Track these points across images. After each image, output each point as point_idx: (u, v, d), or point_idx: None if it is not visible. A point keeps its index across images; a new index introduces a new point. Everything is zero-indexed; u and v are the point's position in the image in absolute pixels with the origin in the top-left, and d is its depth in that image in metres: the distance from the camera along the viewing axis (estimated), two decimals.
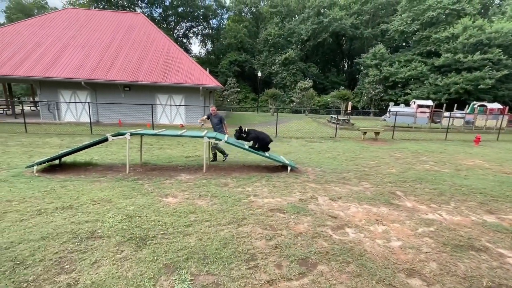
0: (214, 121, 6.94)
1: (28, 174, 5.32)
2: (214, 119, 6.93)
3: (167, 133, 5.98)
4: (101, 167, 6.10)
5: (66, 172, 5.61)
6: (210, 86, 17.27)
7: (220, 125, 6.95)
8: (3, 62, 15.84)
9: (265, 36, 42.66)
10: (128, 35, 19.69)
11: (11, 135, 10.38)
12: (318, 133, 14.83)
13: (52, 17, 20.05)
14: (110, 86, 16.73)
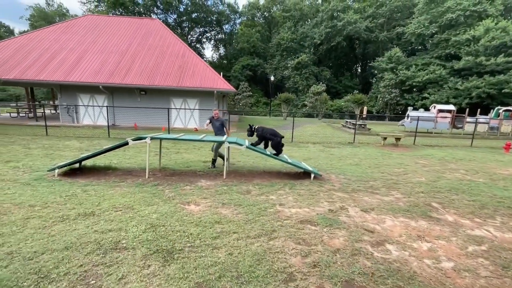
0: (216, 125, 6.79)
1: (49, 178, 5.30)
2: (216, 122, 6.78)
3: (187, 137, 5.85)
4: (121, 171, 6.02)
5: (87, 176, 5.56)
6: (224, 90, 17.25)
7: (222, 130, 6.83)
8: (27, 67, 16.39)
9: (278, 40, 42.63)
10: (145, 40, 20.03)
11: (33, 137, 10.60)
12: (334, 138, 14.45)
13: (74, 23, 20.70)
14: (127, 90, 16.99)
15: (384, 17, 38.39)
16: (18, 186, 4.69)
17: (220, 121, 6.79)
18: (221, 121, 6.82)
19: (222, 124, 6.81)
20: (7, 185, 4.72)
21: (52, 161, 6.80)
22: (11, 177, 5.29)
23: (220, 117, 6.83)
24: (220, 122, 6.78)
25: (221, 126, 6.80)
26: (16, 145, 8.78)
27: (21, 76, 15.81)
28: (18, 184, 4.81)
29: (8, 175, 5.39)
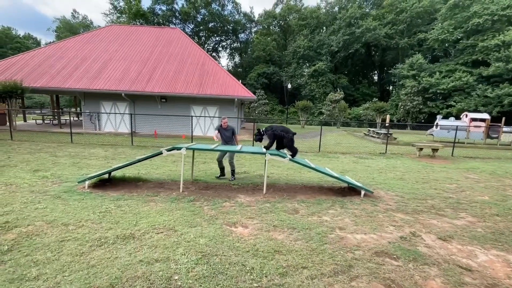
0: (226, 135, 6.28)
1: (80, 190, 4.97)
2: (226, 132, 6.28)
3: (225, 148, 5.38)
4: (151, 183, 5.64)
5: (117, 188, 5.20)
6: (245, 97, 16.96)
7: (232, 139, 6.33)
8: (53, 75, 16.76)
9: (294, 48, 42.47)
10: (166, 48, 20.20)
11: (59, 145, 10.55)
12: (361, 148, 13.69)
13: (98, 33, 21.23)
14: (148, 98, 17.01)
15: (405, 24, 37.46)
16: (49, 200, 4.36)
17: (230, 129, 6.30)
18: (232, 129, 6.32)
19: (232, 132, 6.31)
20: (37, 198, 4.41)
21: (80, 170, 6.54)
22: (40, 188, 5.01)
23: (229, 126, 6.33)
24: (230, 130, 6.29)
25: (231, 135, 6.31)
26: (43, 152, 8.67)
27: (48, 84, 16.15)
28: (48, 197, 4.49)
29: (38, 186, 5.12)
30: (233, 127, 6.35)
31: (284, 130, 5.49)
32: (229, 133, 6.28)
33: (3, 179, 5.47)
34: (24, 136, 12.36)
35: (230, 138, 6.30)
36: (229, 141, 6.32)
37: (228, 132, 6.28)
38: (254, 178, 6.52)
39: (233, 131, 6.30)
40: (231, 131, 6.29)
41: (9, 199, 4.32)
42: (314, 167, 5.30)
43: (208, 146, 5.29)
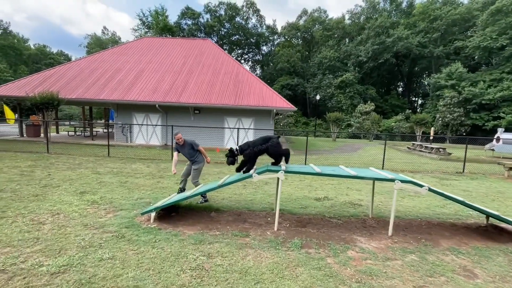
0: (186, 152, 5.20)
1: (144, 224, 3.81)
2: (184, 149, 5.20)
3: (339, 173, 3.93)
4: (227, 214, 4.41)
5: (187, 221, 4.01)
6: (284, 108, 15.80)
7: (196, 153, 5.24)
8: (88, 87, 16.48)
9: (320, 59, 41.43)
10: (198, 59, 19.68)
11: (96, 159, 9.72)
12: (422, 165, 11.92)
13: (131, 46, 21.18)
14: (181, 109, 16.28)
15: (439, 31, 35.53)
16: (112, 242, 3.20)
17: (188, 144, 5.20)
18: (189, 144, 5.20)
19: (191, 147, 5.19)
20: (96, 239, 3.26)
21: (131, 193, 5.46)
22: (94, 220, 3.90)
23: (186, 141, 5.24)
24: (188, 146, 5.19)
25: (193, 150, 5.20)
26: (83, 168, 7.78)
27: (83, 96, 15.82)
28: (109, 237, 3.34)
29: (90, 217, 4.01)
30: (190, 141, 5.25)
31: (265, 139, 4.20)
32: (189, 148, 5.18)
33: (47, 205, 4.44)
34: (59, 149, 11.74)
35: (193, 154, 5.19)
36: (193, 158, 5.20)
37: (187, 148, 5.18)
38: (345, 207, 5.13)
39: (191, 146, 5.19)
40: (190, 146, 5.18)
41: (61, 239, 3.20)
42: (457, 198, 3.84)
43: (314, 170, 3.97)
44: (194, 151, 5.18)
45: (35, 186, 5.52)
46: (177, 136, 5.16)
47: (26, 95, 14.64)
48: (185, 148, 5.18)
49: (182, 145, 5.17)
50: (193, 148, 5.17)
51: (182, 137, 5.17)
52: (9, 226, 3.52)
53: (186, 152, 5.19)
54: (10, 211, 4.04)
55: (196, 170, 5.19)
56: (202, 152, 5.27)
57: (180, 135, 5.18)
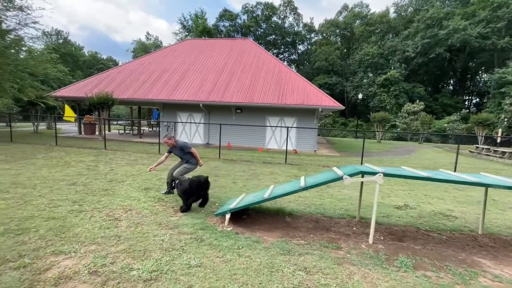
0: (177, 154, 5.00)
1: (218, 225, 3.51)
2: (177, 152, 4.96)
3: (451, 178, 3.19)
4: (302, 219, 3.94)
5: (262, 225, 3.62)
6: (330, 107, 14.91)
7: (188, 156, 4.96)
8: (137, 87, 17.32)
9: (361, 56, 39.20)
10: (240, 58, 19.62)
11: (149, 155, 9.97)
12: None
13: (176, 48, 21.93)
14: (223, 108, 16.30)
15: (505, 20, 31.24)
16: (193, 245, 2.92)
17: (178, 147, 4.92)
18: (179, 147, 4.92)
19: (181, 149, 4.92)
20: (175, 240, 3.01)
21: None
22: (166, 218, 3.70)
23: (177, 143, 4.95)
24: (178, 148, 4.92)
25: (183, 153, 4.95)
26: (140, 164, 7.93)
27: (133, 96, 16.63)
28: (187, 239, 3.07)
29: (161, 215, 3.84)
30: (181, 144, 4.95)
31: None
32: (179, 151, 4.93)
33: (118, 200, 4.40)
34: (114, 145, 12.37)
35: (185, 156, 4.96)
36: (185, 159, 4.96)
37: (178, 151, 4.94)
38: (437, 219, 4.34)
39: (182, 148, 4.91)
40: (180, 149, 4.92)
41: (141, 239, 3.01)
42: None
43: (412, 172, 3.33)
44: (185, 153, 4.93)
45: (102, 181, 5.63)
46: (164, 139, 4.92)
47: (85, 95, 15.82)
48: (177, 151, 4.98)
49: (174, 147, 4.95)
50: (184, 150, 4.92)
51: (173, 139, 4.91)
52: (88, 220, 3.46)
53: (178, 154, 5.02)
54: (86, 205, 4.04)
55: (185, 168, 4.91)
56: (194, 155, 4.96)
57: (166, 139, 4.90)
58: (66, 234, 2.98)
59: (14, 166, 6.50)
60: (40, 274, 2.19)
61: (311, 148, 15.38)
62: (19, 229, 3.03)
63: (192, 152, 4.92)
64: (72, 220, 3.42)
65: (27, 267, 2.27)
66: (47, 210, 3.69)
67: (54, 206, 3.86)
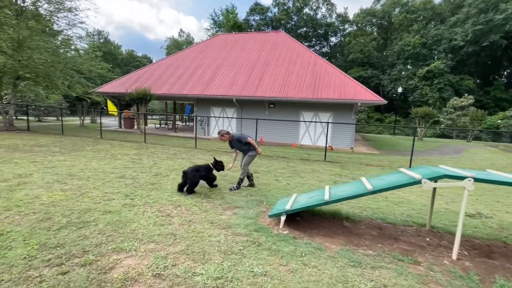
0: (236, 147, 5.24)
1: (272, 228, 3.27)
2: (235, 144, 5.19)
3: None
4: (363, 225, 3.55)
5: (320, 230, 3.31)
6: (370, 101, 13.96)
7: (246, 146, 5.10)
8: (173, 83, 17.76)
9: (400, 46, 36.45)
10: (273, 52, 19.19)
11: (187, 149, 10.11)
12: None
13: (209, 43, 22.11)
14: (256, 103, 16.08)
15: None
16: (251, 250, 2.71)
17: (235, 140, 5.09)
18: (237, 139, 5.08)
19: (239, 141, 5.07)
20: (232, 243, 2.82)
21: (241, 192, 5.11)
22: (217, 217, 3.55)
23: (234, 136, 5.12)
24: (235, 141, 5.10)
25: (242, 145, 5.10)
26: (180, 158, 8.02)
27: (169, 91, 17.09)
28: (245, 242, 2.86)
29: (211, 213, 3.69)
30: (237, 136, 5.09)
31: None
32: (237, 143, 5.10)
33: (166, 195, 4.36)
34: (152, 139, 12.79)
35: (244, 148, 5.10)
36: (245, 151, 5.14)
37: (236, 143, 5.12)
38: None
39: (239, 140, 5.06)
40: (237, 141, 5.07)
41: (196, 239, 2.87)
42: None
43: (505, 178, 2.80)
44: (244, 144, 5.08)
45: (148, 174, 5.70)
46: (219, 137, 5.19)
47: (125, 91, 16.59)
48: (235, 144, 5.16)
49: (231, 141, 5.16)
50: (242, 141, 5.05)
51: (226, 135, 5.09)
52: (142, 215, 3.43)
53: (237, 147, 5.22)
54: (137, 199, 4.05)
55: (250, 157, 5.11)
56: (252, 144, 5.09)
57: (220, 136, 5.18)
58: (123, 230, 2.94)
59: (68, 158, 6.90)
60: (106, 274, 2.12)
61: (347, 145, 14.62)
62: (80, 222, 3.06)
63: (249, 142, 5.06)
64: (127, 214, 3.41)
65: (92, 265, 2.22)
66: (103, 203, 3.73)
67: (108, 199, 3.91)
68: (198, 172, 4.63)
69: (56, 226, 2.89)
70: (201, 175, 4.68)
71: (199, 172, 4.66)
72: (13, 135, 11.24)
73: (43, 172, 5.25)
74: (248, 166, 5.11)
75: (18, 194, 3.85)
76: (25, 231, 2.72)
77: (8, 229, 2.75)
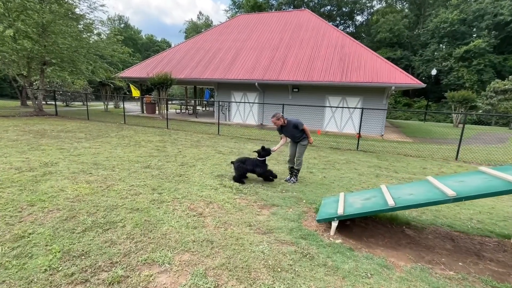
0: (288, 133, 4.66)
1: (321, 234, 2.78)
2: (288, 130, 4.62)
3: None
4: (429, 234, 2.97)
5: (377, 237, 2.78)
6: (407, 85, 12.75)
7: (300, 134, 4.60)
8: (194, 67, 17.30)
9: (436, 24, 33.23)
10: (297, 33, 18.02)
11: (210, 136, 9.76)
12: None
13: (229, 24, 21.21)
14: (279, 88, 15.33)
15: None
16: (305, 267, 2.24)
17: (291, 125, 4.55)
18: (294, 125, 4.54)
19: (296, 127, 4.54)
20: (278, 255, 2.37)
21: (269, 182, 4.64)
22: (254, 218, 3.11)
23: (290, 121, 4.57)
24: (291, 127, 4.56)
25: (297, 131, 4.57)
26: (204, 146, 7.67)
27: (190, 75, 16.68)
28: (294, 254, 2.40)
29: (246, 212, 3.26)
30: (294, 122, 4.54)
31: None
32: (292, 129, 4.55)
33: (195, 189, 3.99)
34: (174, 125, 12.59)
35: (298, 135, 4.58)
36: (297, 140, 4.66)
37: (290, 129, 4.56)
38: None
39: (296, 126, 4.53)
40: (294, 126, 4.53)
41: (237, 248, 2.45)
42: None
43: None
44: (299, 131, 4.59)
45: (174, 164, 5.38)
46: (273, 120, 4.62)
47: (147, 76, 16.40)
48: (288, 129, 4.61)
49: (285, 125, 4.60)
50: (298, 128, 4.56)
51: (282, 119, 4.56)
52: (172, 214, 3.06)
53: (289, 134, 4.67)
54: (165, 194, 3.71)
55: (304, 146, 4.70)
56: (306, 132, 4.65)
57: (275, 119, 4.59)
58: (154, 234, 2.58)
59: (93, 145, 6.75)
60: None
61: (377, 132, 13.64)
62: (106, 222, 2.74)
63: (305, 129, 4.65)
64: (156, 213, 3.06)
65: (121, 284, 1.86)
66: (129, 199, 3.42)
67: (135, 194, 3.60)
68: (243, 164, 4.54)
69: (80, 227, 2.59)
70: (247, 169, 4.54)
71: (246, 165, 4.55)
72: (43, 120, 11.46)
73: (69, 161, 5.07)
74: (302, 156, 4.72)
75: (43, 186, 3.64)
76: (48, 233, 2.44)
77: (30, 230, 2.48)
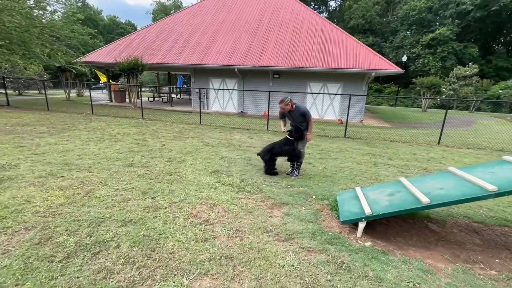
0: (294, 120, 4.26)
1: (349, 238, 2.51)
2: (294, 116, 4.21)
3: None
4: (453, 227, 2.84)
5: (404, 236, 2.58)
6: (386, 71, 12.97)
7: (305, 122, 4.23)
8: (167, 51, 16.03)
9: (405, 11, 34.33)
10: (276, 15, 17.38)
11: (192, 127, 9.07)
12: None
13: (203, 5, 19.87)
14: (259, 74, 14.83)
15: None
16: (345, 280, 1.95)
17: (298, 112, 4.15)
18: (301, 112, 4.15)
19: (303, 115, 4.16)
20: (312, 269, 2.05)
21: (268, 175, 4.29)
22: (268, 221, 2.75)
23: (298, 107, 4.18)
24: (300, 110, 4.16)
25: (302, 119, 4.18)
26: (189, 138, 7.05)
27: (162, 61, 15.46)
28: (326, 265, 2.10)
29: (257, 215, 2.89)
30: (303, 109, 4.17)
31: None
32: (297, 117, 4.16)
33: (193, 190, 3.50)
34: (150, 115, 11.61)
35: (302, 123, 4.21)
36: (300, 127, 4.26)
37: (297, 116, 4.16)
38: None
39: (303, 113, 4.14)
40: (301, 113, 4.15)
41: (261, 263, 2.07)
42: None
43: None
44: (304, 120, 4.20)
45: (160, 160, 4.79)
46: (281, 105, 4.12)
47: (114, 60, 14.87)
48: (295, 116, 4.20)
49: (292, 111, 4.17)
50: (305, 117, 4.18)
51: (291, 104, 4.13)
52: (174, 225, 2.58)
53: (294, 121, 4.27)
54: (159, 197, 3.19)
55: (307, 138, 4.37)
56: (310, 124, 4.30)
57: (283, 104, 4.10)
58: (158, 254, 2.11)
59: (60, 140, 5.83)
60: None
61: (357, 118, 13.84)
62: (94, 242, 2.19)
63: (310, 121, 4.28)
64: (154, 224, 2.56)
65: None
66: (117, 207, 2.85)
67: (123, 201, 3.03)
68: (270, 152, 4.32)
69: (61, 253, 2.03)
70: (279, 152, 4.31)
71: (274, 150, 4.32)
72: None
73: (32, 161, 4.25)
74: (304, 148, 4.49)
75: (1, 197, 2.91)
76: (17, 266, 1.85)
77: None
